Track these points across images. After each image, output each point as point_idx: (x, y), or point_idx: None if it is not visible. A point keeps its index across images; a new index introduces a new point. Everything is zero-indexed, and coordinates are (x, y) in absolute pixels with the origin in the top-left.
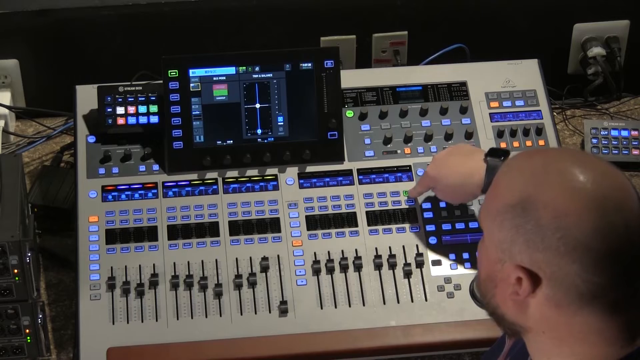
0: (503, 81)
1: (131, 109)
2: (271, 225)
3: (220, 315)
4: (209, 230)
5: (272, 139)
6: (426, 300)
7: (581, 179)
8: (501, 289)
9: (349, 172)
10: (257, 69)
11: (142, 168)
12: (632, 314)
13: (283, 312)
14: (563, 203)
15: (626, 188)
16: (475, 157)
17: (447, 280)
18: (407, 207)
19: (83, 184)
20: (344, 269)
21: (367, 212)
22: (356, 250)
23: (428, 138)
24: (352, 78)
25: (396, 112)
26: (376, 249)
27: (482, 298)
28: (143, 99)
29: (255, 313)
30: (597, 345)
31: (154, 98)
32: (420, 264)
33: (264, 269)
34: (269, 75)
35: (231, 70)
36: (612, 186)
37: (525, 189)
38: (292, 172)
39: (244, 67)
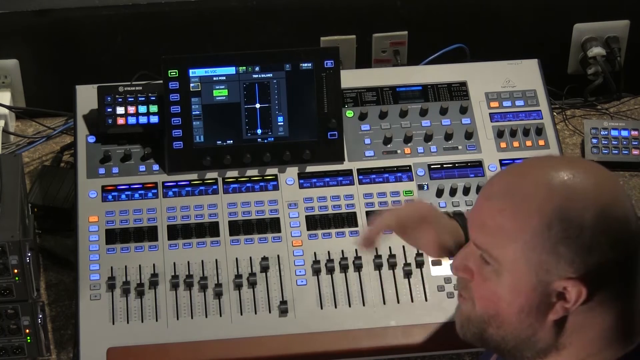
0: (503, 81)
1: (131, 109)
2: (271, 225)
3: (220, 315)
4: (209, 230)
5: (272, 139)
6: (426, 300)
7: (586, 175)
8: (539, 313)
9: (349, 172)
10: (257, 69)
11: (142, 168)
12: (635, 310)
13: (283, 312)
14: (595, 200)
15: (609, 173)
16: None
17: (447, 280)
18: None
19: (83, 184)
20: (344, 269)
21: (367, 212)
22: (356, 250)
23: (428, 138)
24: (352, 78)
25: (396, 112)
26: (376, 249)
27: (507, 333)
28: (143, 99)
29: (255, 313)
30: (611, 346)
31: (154, 98)
32: (420, 264)
33: (264, 269)
34: (269, 75)
35: (231, 70)
36: (606, 173)
37: (553, 204)
38: (292, 172)
39: (244, 67)
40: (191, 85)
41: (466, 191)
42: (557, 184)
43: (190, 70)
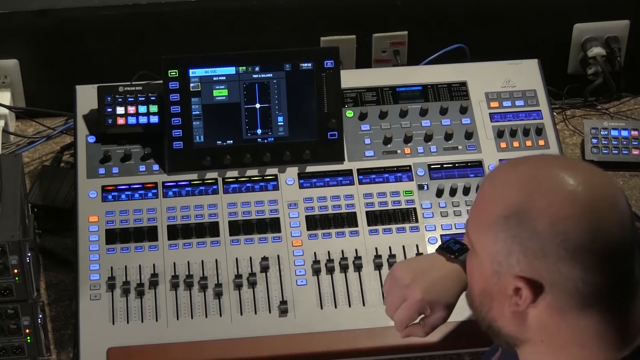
0: (503, 81)
1: (131, 109)
2: (271, 225)
3: (220, 315)
4: (209, 230)
5: (272, 139)
6: None
7: (572, 183)
8: (498, 302)
9: (349, 172)
10: (257, 69)
11: (142, 168)
12: (630, 315)
13: (283, 312)
14: (559, 208)
15: (614, 186)
16: (443, 265)
17: None
18: (407, 207)
19: (83, 184)
20: (344, 269)
21: (367, 212)
22: (356, 250)
23: (428, 138)
24: (352, 78)
25: (396, 112)
26: (376, 249)
27: (477, 313)
28: (143, 99)
29: (255, 313)
30: (597, 348)
31: (154, 98)
32: None
33: (264, 269)
34: (269, 75)
35: (231, 70)
36: (602, 185)
37: (517, 199)
38: (292, 172)
39: (244, 67)
40: (191, 85)
41: (466, 191)
42: (531, 182)
43: (190, 70)
